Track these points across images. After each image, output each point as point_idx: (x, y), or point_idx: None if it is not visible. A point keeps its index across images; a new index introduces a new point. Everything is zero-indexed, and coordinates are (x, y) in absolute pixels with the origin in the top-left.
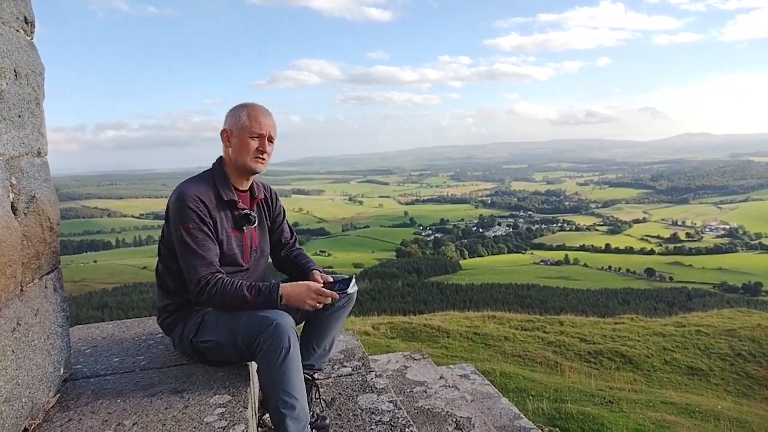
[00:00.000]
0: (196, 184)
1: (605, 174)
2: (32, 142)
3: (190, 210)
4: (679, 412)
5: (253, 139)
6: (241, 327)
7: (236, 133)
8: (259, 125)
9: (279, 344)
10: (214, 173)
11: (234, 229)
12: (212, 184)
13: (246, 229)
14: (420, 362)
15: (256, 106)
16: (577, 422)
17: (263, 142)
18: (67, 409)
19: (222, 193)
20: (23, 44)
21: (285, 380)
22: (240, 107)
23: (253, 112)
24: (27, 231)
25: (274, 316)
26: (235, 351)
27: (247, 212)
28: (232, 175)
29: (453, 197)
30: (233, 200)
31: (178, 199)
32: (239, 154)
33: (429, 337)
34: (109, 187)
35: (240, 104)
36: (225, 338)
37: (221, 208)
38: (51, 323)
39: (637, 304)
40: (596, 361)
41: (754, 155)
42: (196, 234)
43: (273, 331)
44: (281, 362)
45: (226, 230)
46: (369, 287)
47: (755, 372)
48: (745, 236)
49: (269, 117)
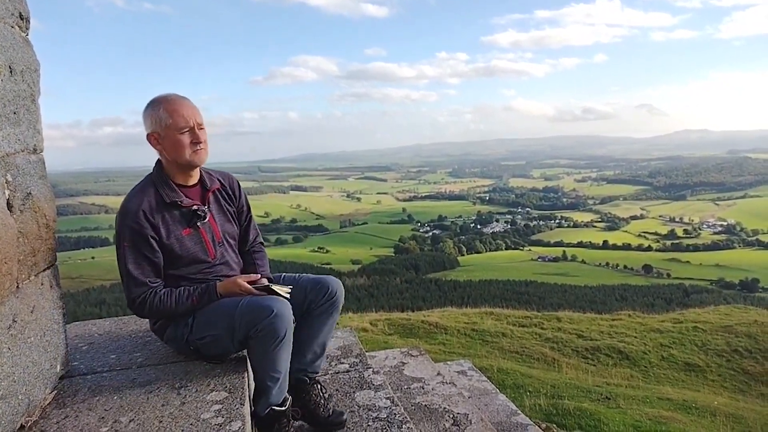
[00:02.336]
0: (136, 194)
1: (603, 171)
2: (28, 139)
3: (125, 226)
4: (675, 408)
5: (182, 134)
6: (238, 317)
7: (163, 133)
8: (183, 118)
9: (276, 332)
10: (154, 177)
11: (187, 228)
12: (152, 188)
13: (201, 225)
14: (417, 359)
15: (170, 97)
16: (574, 418)
17: (194, 133)
18: (64, 406)
19: (164, 196)
20: (18, 40)
21: (274, 362)
22: (155, 105)
23: (170, 107)
24: (23, 228)
25: (273, 304)
26: (233, 341)
27: (195, 208)
28: (174, 174)
29: (451, 194)
30: (175, 201)
31: (119, 216)
32: (175, 154)
33: (427, 333)
34: (107, 183)
35: (153, 101)
36: (223, 330)
37: (165, 210)
38: (47, 320)
39: (634, 300)
40: (593, 357)
41: (751, 152)
42: (127, 254)
43: (272, 320)
44: (274, 348)
45: (175, 233)
46: (367, 284)
47: (751, 368)
48: (742, 233)
49: (188, 105)
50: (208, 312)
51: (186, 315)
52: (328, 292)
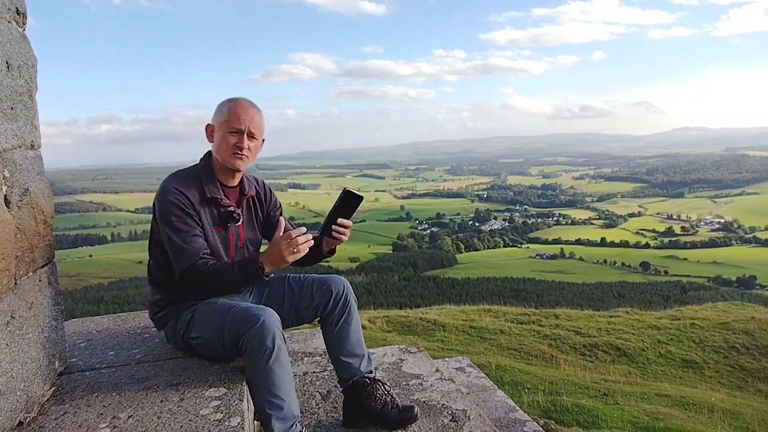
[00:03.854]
0: (180, 179)
1: (601, 168)
2: (25, 135)
3: (172, 203)
4: (673, 404)
5: (231, 134)
6: (227, 325)
7: (217, 127)
8: (238, 120)
9: (263, 343)
10: (200, 168)
11: (217, 226)
12: (197, 179)
13: (231, 227)
14: (416, 355)
15: (240, 100)
16: (572, 414)
17: (241, 138)
18: (62, 402)
19: (206, 190)
20: (15, 36)
21: (270, 380)
22: (224, 102)
23: (234, 107)
24: (20, 224)
25: (260, 314)
26: (224, 348)
27: (232, 210)
28: (218, 170)
29: (449, 191)
30: (215, 197)
31: (161, 193)
32: (219, 150)
33: (425, 330)
34: (104, 181)
35: (226, 99)
36: (213, 335)
37: (204, 204)
38: (45, 316)
39: (632, 297)
40: (591, 354)
41: (749, 149)
42: (180, 226)
43: (257, 330)
44: (266, 361)
45: (207, 228)
46: (365, 281)
47: (748, 364)
48: (739, 230)
49: (251, 112)
50: (205, 313)
51: (234, 289)
52: (334, 296)
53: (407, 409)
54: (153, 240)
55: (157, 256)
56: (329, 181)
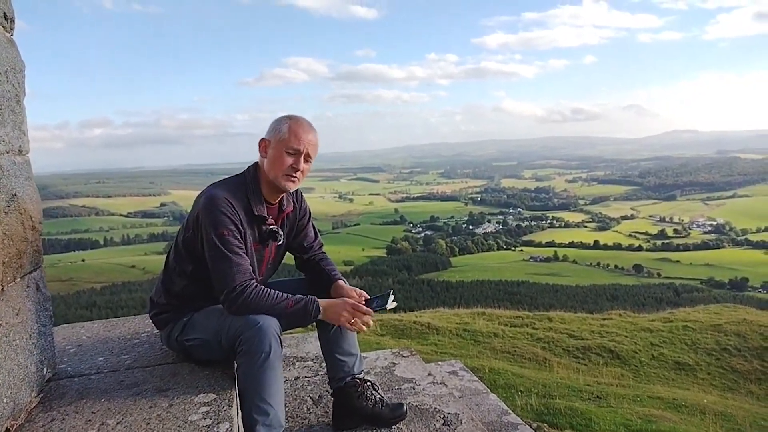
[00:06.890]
0: (228, 191)
1: (594, 171)
2: (13, 140)
3: (225, 216)
4: (666, 406)
5: (289, 154)
6: (226, 326)
7: (273, 144)
8: (299, 141)
9: (260, 347)
10: (248, 182)
11: (257, 243)
12: (244, 193)
13: (269, 245)
14: (408, 359)
15: (300, 120)
16: (565, 417)
17: (298, 159)
18: (50, 409)
19: (253, 207)
20: (2, 41)
21: (262, 385)
22: (284, 118)
23: (295, 126)
24: (8, 230)
25: (259, 318)
26: (220, 349)
27: (275, 229)
28: (265, 186)
29: (443, 194)
30: (263, 216)
31: (211, 203)
32: (272, 168)
33: (419, 334)
34: (97, 185)
35: (285, 115)
36: (210, 336)
37: (250, 221)
38: (33, 323)
39: (625, 300)
40: (584, 356)
41: (740, 152)
42: (231, 240)
43: (255, 333)
44: (260, 366)
45: (247, 243)
46: (359, 285)
47: (740, 366)
48: (731, 232)
49: (311, 134)
50: (204, 315)
51: (276, 317)
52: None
53: (396, 407)
54: (185, 247)
55: (185, 264)
56: (323, 184)
